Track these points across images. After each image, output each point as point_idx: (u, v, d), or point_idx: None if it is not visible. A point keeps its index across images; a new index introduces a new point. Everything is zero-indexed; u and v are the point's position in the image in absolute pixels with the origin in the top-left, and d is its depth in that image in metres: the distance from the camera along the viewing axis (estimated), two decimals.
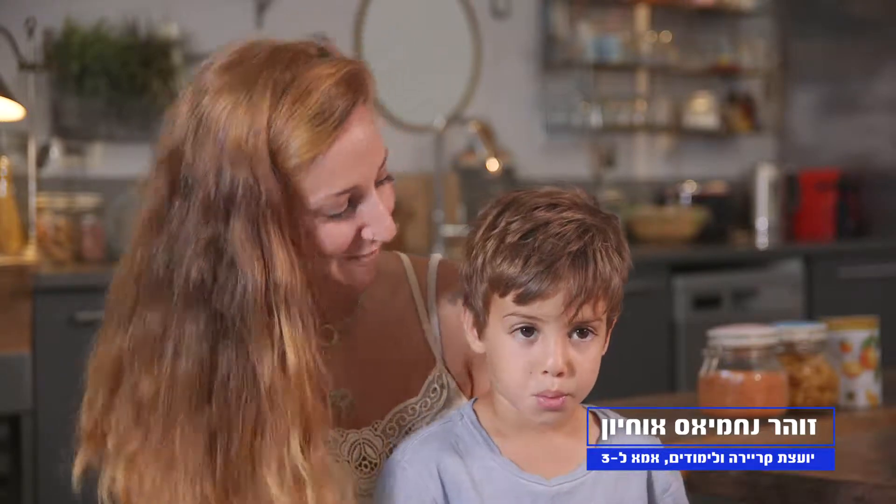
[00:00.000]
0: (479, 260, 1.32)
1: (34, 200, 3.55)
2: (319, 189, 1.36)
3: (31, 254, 3.44)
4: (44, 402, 3.17)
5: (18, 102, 3.39)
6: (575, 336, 1.31)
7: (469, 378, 1.52)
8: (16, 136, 3.68)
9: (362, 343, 1.49)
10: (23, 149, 3.64)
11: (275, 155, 1.33)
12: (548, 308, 1.28)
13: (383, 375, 1.49)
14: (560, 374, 1.29)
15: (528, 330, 1.30)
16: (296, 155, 1.34)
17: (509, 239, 1.30)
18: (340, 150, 1.36)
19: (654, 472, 1.38)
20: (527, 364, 1.30)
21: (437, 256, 1.57)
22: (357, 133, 1.37)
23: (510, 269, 1.29)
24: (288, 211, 1.34)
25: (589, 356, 1.31)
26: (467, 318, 1.37)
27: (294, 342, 1.32)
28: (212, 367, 1.32)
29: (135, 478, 1.34)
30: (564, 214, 1.31)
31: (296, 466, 1.31)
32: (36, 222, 3.55)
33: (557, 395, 1.30)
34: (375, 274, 1.44)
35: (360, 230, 1.40)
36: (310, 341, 1.33)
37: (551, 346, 1.29)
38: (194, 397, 1.32)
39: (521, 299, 1.29)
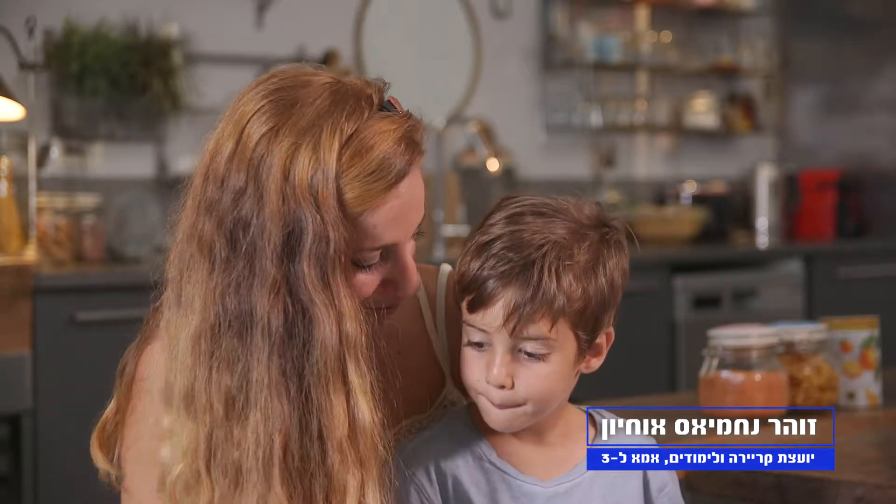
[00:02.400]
0: (461, 253, 1.36)
1: (34, 200, 3.54)
2: (360, 242, 1.31)
3: (31, 254, 3.44)
4: (44, 402, 3.17)
5: (18, 102, 3.39)
6: (523, 354, 1.31)
7: None
8: (16, 136, 3.68)
9: None
10: (23, 149, 3.64)
11: (339, 201, 1.29)
12: (489, 318, 1.29)
13: (390, 389, 1.45)
14: (501, 387, 1.30)
15: (479, 343, 1.32)
16: (346, 206, 1.29)
17: (481, 238, 1.33)
18: (390, 209, 1.33)
19: (650, 473, 1.38)
20: (477, 371, 1.32)
21: (446, 267, 1.54)
22: (407, 194, 1.36)
23: (468, 269, 1.32)
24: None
25: (536, 372, 1.31)
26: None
27: (364, 395, 1.27)
28: (298, 426, 1.25)
29: None
30: (539, 224, 1.31)
31: None
32: (36, 222, 3.55)
33: (501, 405, 1.31)
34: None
35: (384, 281, 1.35)
36: (375, 395, 1.28)
37: (495, 360, 1.30)
38: (283, 456, 1.25)
39: (470, 306, 1.31)
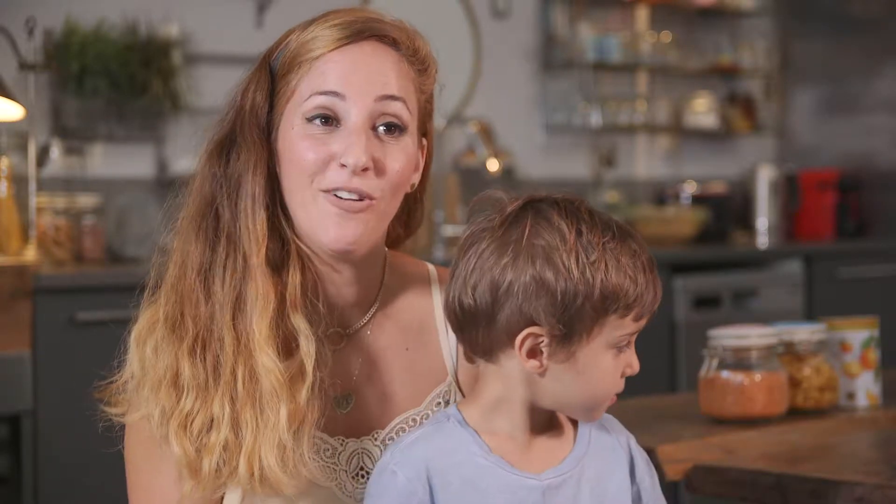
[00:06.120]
0: (598, 279, 1.29)
1: (34, 200, 3.54)
2: (310, 89, 1.38)
3: (31, 254, 3.44)
4: (44, 402, 3.17)
5: (18, 102, 3.39)
6: None
7: None
8: (16, 136, 3.68)
9: (375, 346, 1.46)
10: (23, 149, 3.63)
11: (290, 56, 1.40)
12: (648, 316, 1.35)
13: (392, 382, 1.46)
14: None
15: (628, 343, 1.35)
16: (309, 51, 1.39)
17: (624, 259, 1.31)
18: (341, 58, 1.38)
19: (635, 462, 1.39)
20: (615, 370, 1.34)
21: None
22: (365, 53, 1.39)
23: (635, 287, 1.31)
24: (281, 109, 1.39)
25: None
26: (530, 339, 1.30)
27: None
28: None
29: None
30: (627, 231, 1.35)
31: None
32: (36, 222, 3.55)
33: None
34: (356, 236, 1.37)
35: (332, 157, 1.37)
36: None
37: (630, 350, 1.35)
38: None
39: (638, 316, 1.32)
